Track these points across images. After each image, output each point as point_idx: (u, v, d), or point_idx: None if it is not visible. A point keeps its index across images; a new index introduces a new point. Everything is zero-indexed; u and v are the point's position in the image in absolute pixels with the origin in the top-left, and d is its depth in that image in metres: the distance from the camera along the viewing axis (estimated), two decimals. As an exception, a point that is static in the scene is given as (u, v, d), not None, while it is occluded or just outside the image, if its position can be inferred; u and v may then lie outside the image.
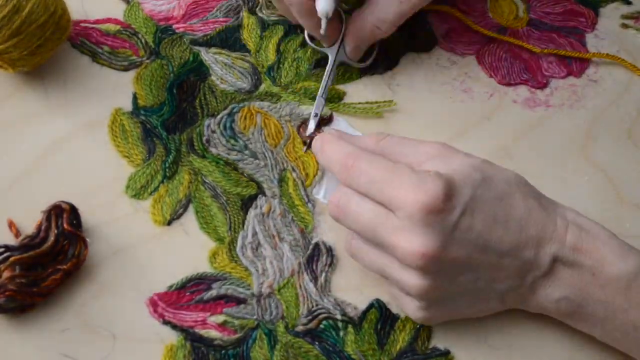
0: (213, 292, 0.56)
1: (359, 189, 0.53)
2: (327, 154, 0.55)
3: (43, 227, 0.55)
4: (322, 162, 0.57)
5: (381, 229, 0.51)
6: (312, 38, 0.67)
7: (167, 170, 0.61)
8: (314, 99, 0.66)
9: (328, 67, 0.65)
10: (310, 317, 0.56)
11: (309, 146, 0.62)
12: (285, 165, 0.62)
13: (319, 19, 0.62)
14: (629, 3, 0.75)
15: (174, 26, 0.69)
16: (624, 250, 0.52)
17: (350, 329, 0.56)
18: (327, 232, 0.60)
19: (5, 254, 0.54)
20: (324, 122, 0.65)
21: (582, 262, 0.52)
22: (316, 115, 0.64)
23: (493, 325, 0.57)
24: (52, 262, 0.54)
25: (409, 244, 0.49)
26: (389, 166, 0.52)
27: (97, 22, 0.68)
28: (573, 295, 0.52)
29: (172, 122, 0.64)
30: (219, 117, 0.64)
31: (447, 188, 0.49)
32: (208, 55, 0.67)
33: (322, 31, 0.63)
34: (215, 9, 0.70)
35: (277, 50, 0.68)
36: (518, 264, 0.52)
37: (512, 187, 0.53)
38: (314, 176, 0.62)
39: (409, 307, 0.54)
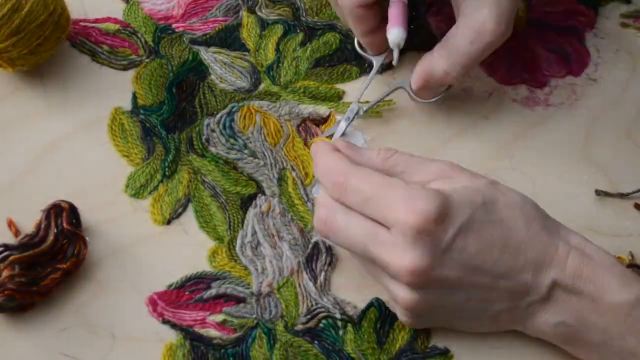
0: (212, 291, 0.56)
1: (350, 206, 0.52)
2: (320, 167, 0.54)
3: (42, 226, 0.55)
4: (315, 173, 0.56)
5: (371, 245, 0.50)
6: (360, 45, 0.66)
7: (166, 169, 0.61)
8: (313, 97, 0.66)
9: (371, 75, 0.65)
10: (309, 316, 0.56)
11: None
12: (284, 164, 0.62)
13: (369, 28, 0.62)
14: (629, 2, 0.75)
15: (174, 25, 0.69)
16: (626, 278, 0.51)
17: (349, 328, 0.56)
18: (326, 231, 0.59)
19: (5, 253, 0.54)
20: (321, 121, 0.65)
21: (582, 289, 0.51)
22: (348, 118, 0.63)
23: (492, 325, 0.57)
24: (52, 261, 0.54)
25: (399, 260, 0.49)
26: (381, 182, 0.51)
27: (96, 21, 0.68)
28: (571, 321, 0.51)
29: (171, 121, 0.64)
30: (218, 116, 0.64)
31: (440, 208, 0.49)
32: (207, 55, 0.67)
33: (394, 62, 0.62)
34: (215, 8, 0.70)
35: (277, 50, 0.68)
36: (513, 286, 0.51)
37: (514, 210, 0.52)
38: (314, 175, 0.62)
39: (397, 311, 0.54)
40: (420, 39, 0.70)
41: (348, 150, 0.56)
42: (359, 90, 0.64)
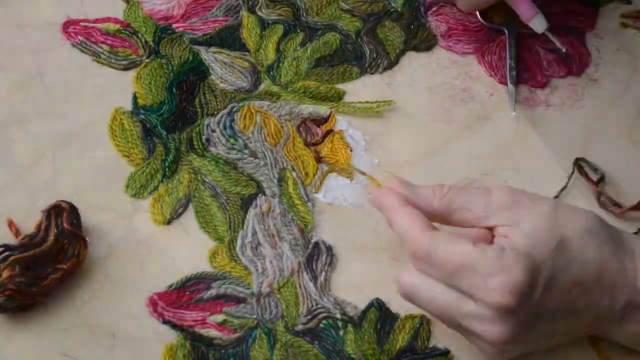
0: (213, 292, 0.56)
1: (435, 278, 0.51)
2: (396, 228, 0.53)
3: (43, 227, 0.55)
4: (392, 229, 0.54)
5: (457, 314, 0.50)
6: (483, 15, 0.71)
7: (166, 169, 0.61)
8: (313, 97, 0.66)
9: (507, 43, 0.69)
10: (309, 317, 0.56)
11: None
12: (284, 164, 0.62)
13: None
14: (629, 2, 0.75)
15: (174, 25, 0.69)
16: None
17: (350, 328, 0.56)
18: (326, 232, 0.59)
19: (5, 253, 0.54)
20: (321, 121, 0.65)
21: None
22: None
23: (493, 325, 0.56)
24: (52, 261, 0.54)
25: (490, 333, 0.49)
26: (466, 252, 0.49)
27: (96, 21, 0.68)
28: None
29: (171, 122, 0.64)
30: (218, 116, 0.64)
31: (530, 276, 0.48)
32: (208, 55, 0.67)
33: (560, 45, 0.68)
34: (215, 8, 0.70)
35: (277, 50, 0.68)
36: (593, 316, 0.52)
37: (584, 238, 0.51)
38: (314, 175, 0.62)
39: (484, 350, 0.53)
40: (421, 39, 0.70)
41: (404, 190, 0.54)
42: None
